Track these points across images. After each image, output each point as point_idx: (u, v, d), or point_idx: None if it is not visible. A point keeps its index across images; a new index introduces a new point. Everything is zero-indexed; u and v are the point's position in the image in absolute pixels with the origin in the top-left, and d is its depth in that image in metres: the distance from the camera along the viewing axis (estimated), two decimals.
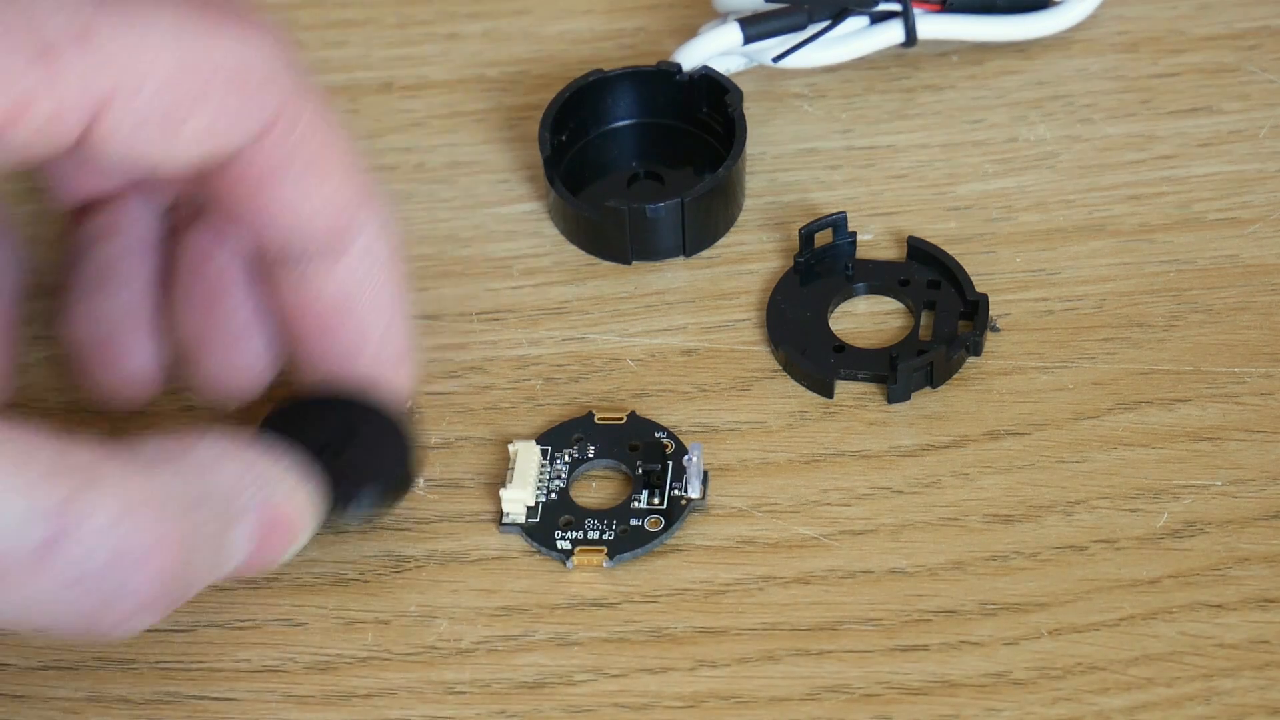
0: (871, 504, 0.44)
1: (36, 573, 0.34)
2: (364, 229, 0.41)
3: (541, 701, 0.40)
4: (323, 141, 0.40)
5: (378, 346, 0.42)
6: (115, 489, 0.35)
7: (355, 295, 0.42)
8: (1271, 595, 0.41)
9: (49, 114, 0.35)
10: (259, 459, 0.39)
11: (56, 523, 0.34)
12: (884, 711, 0.40)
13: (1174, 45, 0.54)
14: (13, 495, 0.34)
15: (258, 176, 0.39)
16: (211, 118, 0.38)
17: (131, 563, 0.35)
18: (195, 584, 0.37)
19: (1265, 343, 0.46)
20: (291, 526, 0.39)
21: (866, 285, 0.48)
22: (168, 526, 0.36)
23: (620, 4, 0.57)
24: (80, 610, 0.35)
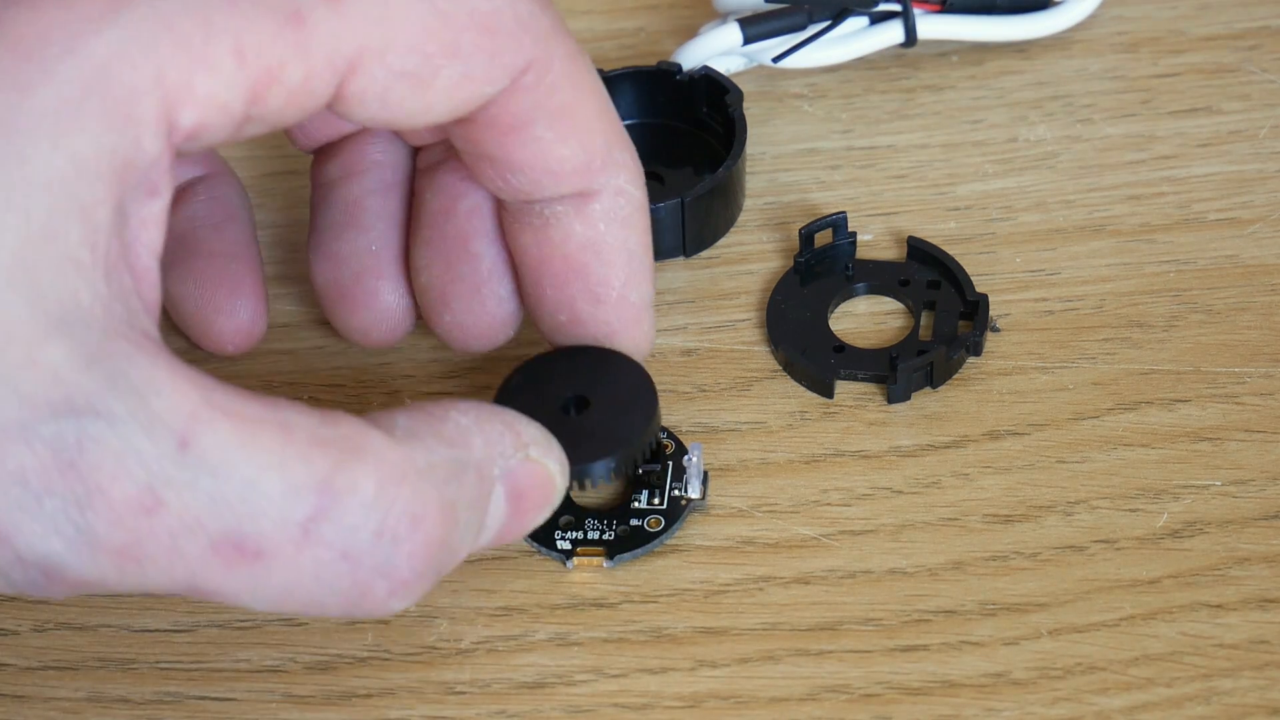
0: (871, 504, 0.44)
1: (300, 551, 0.33)
2: (613, 174, 0.41)
3: (541, 701, 0.40)
4: (574, 86, 0.39)
5: (621, 292, 0.42)
6: (377, 461, 0.34)
7: (602, 240, 0.41)
8: (1271, 595, 0.41)
9: (299, 80, 0.35)
10: (510, 424, 0.38)
11: (319, 499, 0.33)
12: (884, 711, 0.40)
13: (1174, 45, 0.54)
14: (273, 473, 0.33)
15: (509, 124, 0.39)
16: (463, 70, 0.37)
17: (397, 536, 0.34)
18: (456, 556, 0.37)
19: (1265, 343, 0.46)
20: (543, 492, 0.39)
21: (866, 285, 0.48)
22: (431, 497, 0.35)
23: (620, 4, 0.57)
24: (344, 588, 0.34)
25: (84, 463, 0.32)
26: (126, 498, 0.32)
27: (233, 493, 0.33)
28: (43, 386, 0.31)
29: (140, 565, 0.33)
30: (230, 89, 0.34)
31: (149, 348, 0.33)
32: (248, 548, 0.33)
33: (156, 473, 0.32)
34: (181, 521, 0.32)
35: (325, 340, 0.48)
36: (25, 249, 0.32)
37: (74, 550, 0.32)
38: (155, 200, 0.34)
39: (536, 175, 0.40)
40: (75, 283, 0.32)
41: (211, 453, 0.33)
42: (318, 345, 0.48)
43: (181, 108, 0.33)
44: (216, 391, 0.33)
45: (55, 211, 0.32)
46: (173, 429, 0.32)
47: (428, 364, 0.47)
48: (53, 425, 0.31)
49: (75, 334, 0.32)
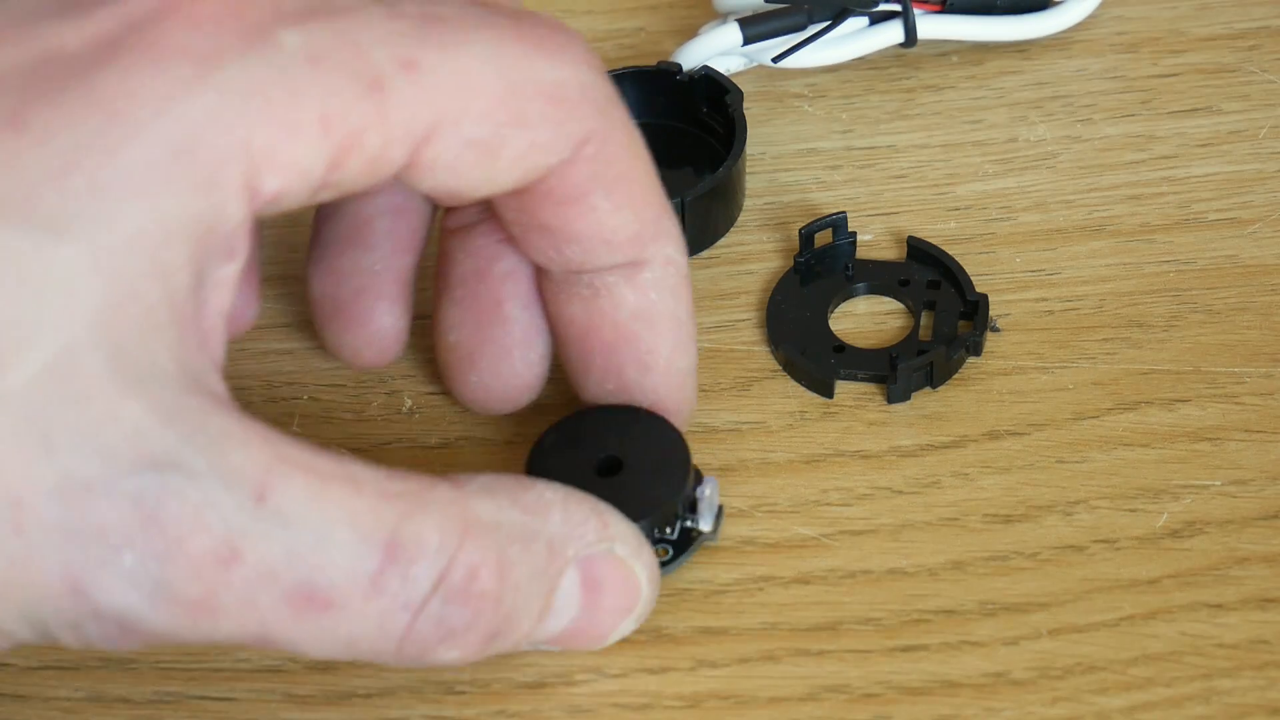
0: (871, 504, 0.44)
1: (368, 602, 0.34)
2: (663, 243, 0.41)
3: (541, 701, 0.40)
4: (630, 156, 0.39)
5: (669, 360, 0.42)
6: (444, 511, 0.35)
7: (653, 308, 0.41)
8: (1271, 595, 0.41)
9: (378, 148, 0.35)
10: (600, 514, 0.39)
11: (386, 551, 0.34)
12: (884, 711, 0.40)
13: (1174, 45, 0.54)
14: (344, 526, 0.34)
15: (567, 194, 0.39)
16: (530, 139, 0.37)
17: (452, 586, 0.35)
18: (514, 625, 0.37)
19: (1265, 343, 0.46)
20: (625, 591, 0.39)
21: (866, 285, 0.48)
22: (490, 551, 0.35)
23: (620, 4, 0.57)
24: (401, 637, 0.35)
25: (164, 516, 0.32)
26: (204, 551, 0.32)
27: (306, 545, 0.33)
28: (124, 442, 0.32)
29: (214, 617, 0.33)
30: (313, 156, 0.34)
31: (221, 404, 0.33)
32: (318, 598, 0.33)
33: (235, 526, 0.32)
34: (257, 573, 0.33)
35: None
36: (108, 308, 0.32)
37: (152, 604, 0.32)
38: (232, 263, 0.34)
39: (592, 245, 0.40)
40: (153, 342, 0.32)
41: (287, 506, 0.33)
42: (318, 345, 0.48)
43: (266, 174, 0.34)
44: (287, 446, 0.34)
45: (139, 273, 0.32)
46: (250, 482, 0.33)
47: (427, 364, 0.47)
48: (134, 480, 0.32)
49: (152, 391, 0.32)
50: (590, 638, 0.39)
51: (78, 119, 0.32)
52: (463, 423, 0.46)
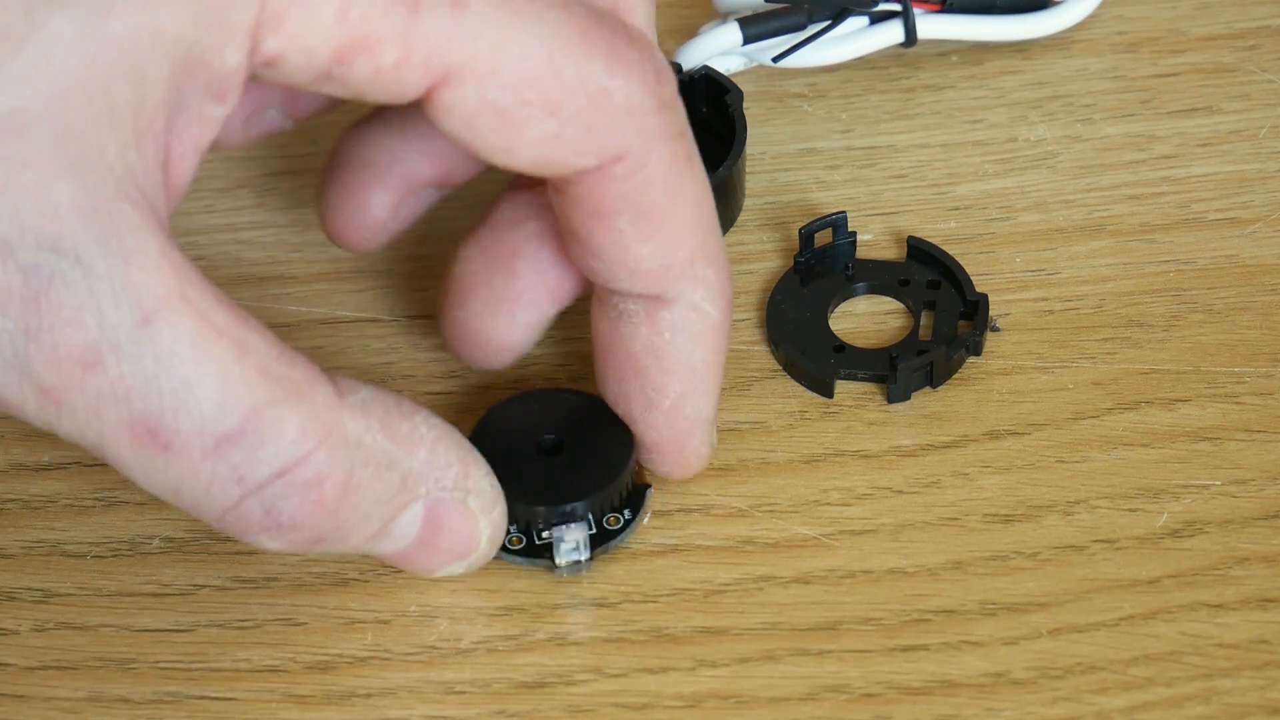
0: (871, 504, 0.44)
1: (204, 459, 0.35)
2: (692, 287, 0.40)
3: (541, 701, 0.40)
4: (669, 191, 0.39)
5: (675, 403, 0.42)
6: (313, 412, 0.36)
7: (665, 349, 0.41)
8: (1271, 595, 0.41)
9: (391, 63, 0.35)
10: (466, 463, 0.39)
11: (242, 423, 0.34)
12: (884, 711, 0.40)
13: (1174, 45, 0.54)
14: (212, 381, 0.34)
15: (593, 208, 0.39)
16: (555, 131, 0.37)
17: (292, 484, 0.35)
18: (345, 538, 0.37)
19: (1265, 343, 0.46)
20: (462, 539, 0.40)
21: (866, 285, 0.48)
22: (341, 467, 0.36)
23: None
24: (226, 506, 0.35)
25: (46, 300, 0.33)
26: (70, 345, 0.33)
27: (168, 384, 0.34)
28: (38, 217, 0.32)
29: (58, 410, 0.34)
30: (319, 38, 0.34)
31: (151, 221, 0.34)
32: (160, 438, 0.34)
33: (108, 337, 0.33)
34: (112, 389, 0.33)
35: (325, 340, 0.48)
36: (74, 90, 0.32)
37: (6, 371, 0.33)
38: (219, 105, 0.35)
39: (614, 267, 0.40)
40: (107, 136, 0.33)
41: (166, 340, 0.34)
42: (318, 345, 0.48)
43: (268, 33, 0.34)
44: (194, 286, 0.34)
45: (116, 69, 0.33)
46: (141, 303, 0.33)
47: (428, 364, 0.47)
48: (34, 254, 0.32)
49: (87, 182, 0.33)
50: (417, 567, 0.41)
51: None
52: (463, 423, 0.46)
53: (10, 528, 0.44)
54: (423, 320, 0.48)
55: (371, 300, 0.49)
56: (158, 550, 0.44)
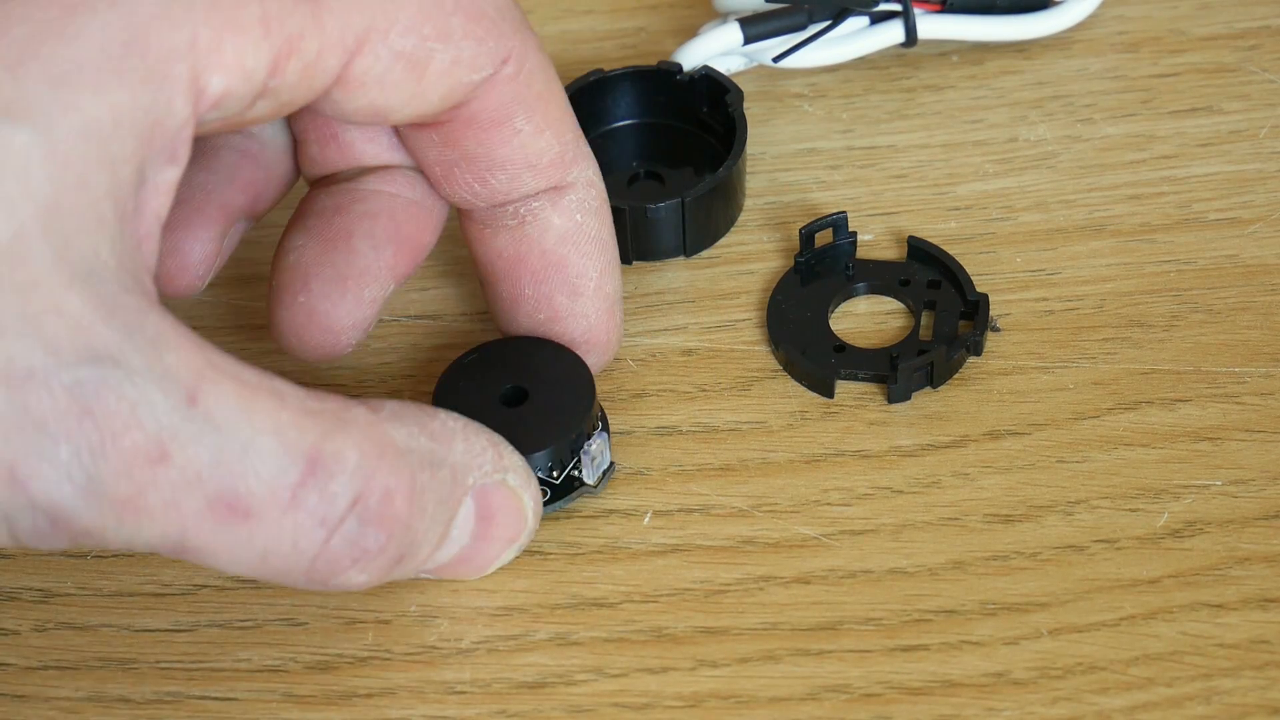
0: (872, 504, 0.44)
1: (285, 514, 0.34)
2: (583, 166, 0.42)
3: (541, 701, 0.40)
4: (545, 78, 0.41)
5: (598, 283, 0.43)
6: (361, 434, 0.36)
7: (578, 232, 0.43)
8: (1272, 595, 0.41)
9: (314, 54, 0.36)
10: (496, 445, 0.40)
11: (308, 465, 0.34)
12: (884, 711, 0.40)
13: (1174, 45, 0.54)
14: (269, 437, 0.34)
15: (490, 118, 0.40)
16: (454, 55, 0.38)
17: (368, 507, 0.36)
18: (418, 549, 0.38)
19: (1265, 343, 0.46)
20: (514, 521, 0.40)
21: (867, 285, 0.48)
22: (404, 475, 0.36)
23: (621, 4, 0.57)
24: (314, 555, 0.35)
25: (100, 410, 0.32)
26: (136, 447, 0.33)
27: (232, 451, 0.34)
28: (66, 333, 0.32)
29: (138, 518, 0.33)
30: (256, 56, 0.35)
31: (155, 305, 0.34)
32: (239, 507, 0.34)
33: (166, 426, 0.33)
34: (183, 476, 0.33)
35: None
36: (59, 197, 0.32)
37: (84, 498, 0.33)
38: (172, 168, 0.35)
39: (517, 171, 0.41)
40: (97, 236, 0.33)
41: (216, 411, 0.33)
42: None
43: (211, 73, 0.34)
44: (216, 354, 0.34)
45: (89, 162, 0.33)
46: (183, 384, 0.33)
47: (427, 364, 0.47)
48: (74, 372, 0.32)
49: (94, 286, 0.33)
50: (475, 566, 0.41)
51: (33, 10, 0.33)
52: None
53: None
54: (423, 320, 0.48)
55: None
56: None
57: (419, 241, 0.43)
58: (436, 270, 0.49)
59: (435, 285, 0.49)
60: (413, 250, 0.43)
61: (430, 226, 0.44)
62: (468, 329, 0.48)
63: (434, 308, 0.49)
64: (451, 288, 0.49)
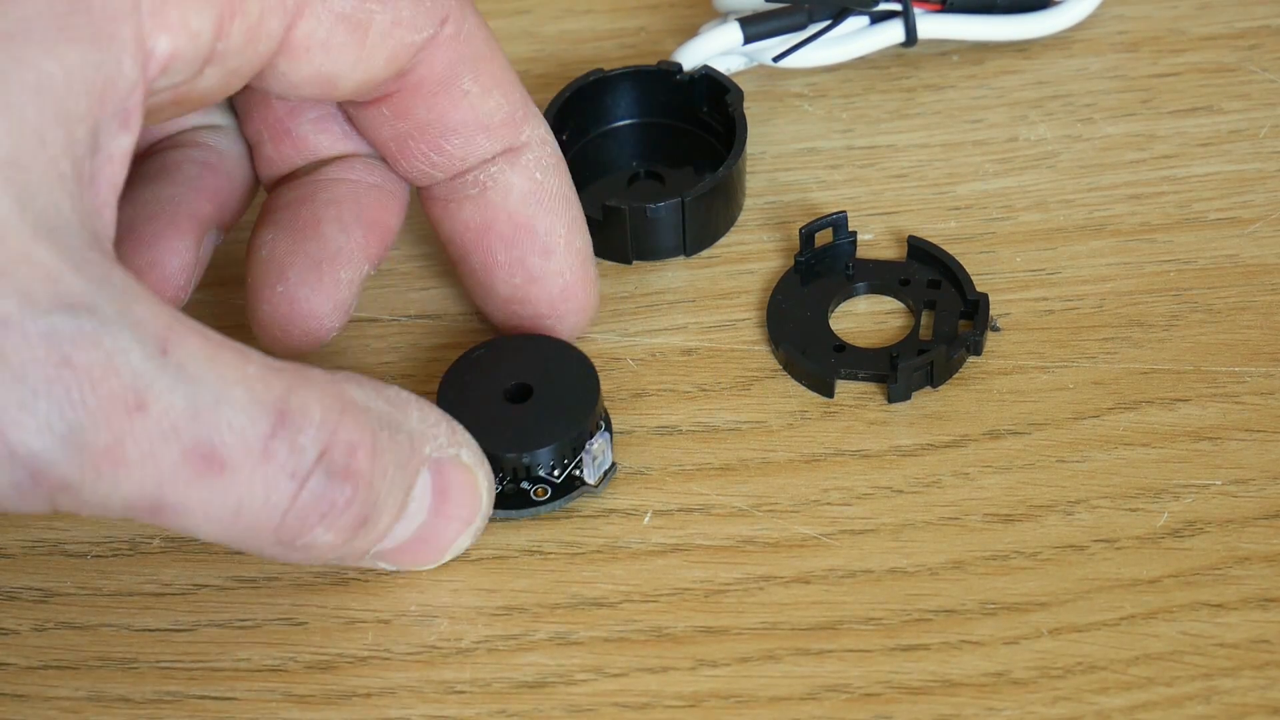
0: (872, 503, 0.44)
1: (258, 466, 0.35)
2: (535, 126, 0.43)
3: (541, 701, 0.40)
4: (486, 39, 0.41)
5: (568, 239, 0.44)
6: (324, 389, 0.36)
7: (540, 190, 0.43)
8: (1272, 595, 0.41)
9: (257, 15, 0.36)
10: (450, 421, 0.40)
11: (278, 416, 0.35)
12: (884, 711, 0.40)
13: (1174, 45, 0.54)
14: (240, 388, 0.34)
15: (437, 81, 0.41)
16: (393, 16, 0.39)
17: (334, 461, 0.36)
18: (380, 517, 0.38)
19: (1265, 342, 0.46)
20: (468, 500, 0.40)
21: (867, 285, 0.48)
22: (366, 431, 0.37)
23: (621, 4, 0.57)
24: (283, 512, 0.35)
25: (77, 359, 0.32)
26: (114, 396, 0.33)
27: (205, 401, 0.34)
28: (38, 283, 0.32)
29: (116, 469, 0.33)
30: (200, 17, 0.35)
31: (119, 264, 0.34)
32: (215, 458, 0.34)
33: (142, 374, 0.33)
34: (160, 426, 0.33)
35: None
36: (17, 151, 0.32)
37: (63, 449, 0.33)
38: (125, 134, 0.35)
39: (471, 134, 0.42)
40: (58, 191, 0.33)
41: (187, 361, 0.34)
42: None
43: (158, 33, 0.34)
44: (178, 312, 0.34)
45: (45, 119, 0.33)
46: (155, 335, 0.33)
47: (427, 364, 0.47)
48: (48, 320, 0.32)
49: (60, 238, 0.33)
50: (433, 548, 0.41)
51: None
52: None
53: (10, 527, 0.44)
54: (423, 320, 0.48)
55: (371, 300, 0.49)
56: (158, 550, 0.44)
57: (385, 224, 0.44)
58: (436, 270, 0.49)
59: (435, 285, 0.49)
60: (381, 233, 0.43)
61: (394, 209, 0.44)
62: (468, 329, 0.48)
63: (434, 308, 0.49)
64: (452, 288, 0.49)
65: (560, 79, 0.52)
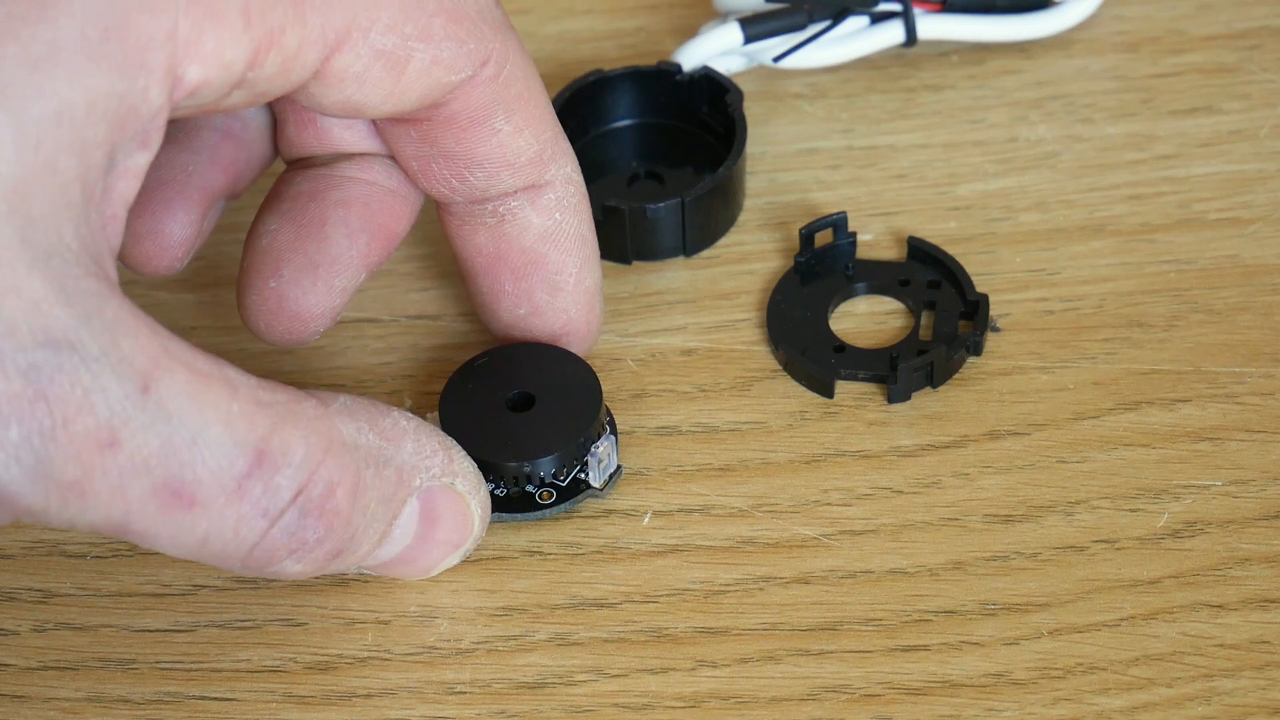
0: (872, 504, 0.44)
1: (229, 504, 0.35)
2: (561, 165, 0.43)
3: (541, 701, 0.40)
4: (525, 78, 0.41)
5: (577, 278, 0.44)
6: (310, 426, 0.36)
7: (557, 230, 0.43)
8: (1272, 595, 0.41)
9: (294, 48, 0.36)
10: (448, 449, 0.40)
11: (255, 457, 0.35)
12: (884, 711, 0.40)
13: (1174, 45, 0.54)
14: (219, 427, 0.34)
15: (470, 118, 0.40)
16: (434, 55, 0.38)
17: (309, 500, 0.36)
18: (356, 545, 0.38)
19: (1265, 343, 0.46)
20: (458, 525, 0.40)
21: (867, 285, 0.48)
22: (348, 471, 0.37)
23: (620, 4, 0.57)
24: (253, 544, 0.35)
25: (53, 394, 0.32)
26: (87, 433, 0.33)
27: (181, 440, 0.34)
28: (23, 316, 0.32)
29: (83, 500, 0.33)
30: (235, 48, 0.35)
31: (114, 289, 0.34)
32: (185, 495, 0.34)
33: (118, 412, 0.33)
34: (131, 462, 0.33)
35: (325, 340, 0.48)
36: (26, 179, 0.32)
37: (30, 480, 0.33)
38: (143, 153, 0.35)
39: (495, 170, 0.42)
40: (62, 219, 0.33)
41: (168, 399, 0.34)
42: (318, 345, 0.48)
43: (189, 62, 0.34)
44: (172, 341, 0.34)
45: (60, 147, 0.33)
46: (137, 372, 0.33)
47: (428, 363, 0.47)
48: (29, 355, 0.32)
49: (56, 269, 0.33)
50: (417, 567, 0.41)
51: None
52: None
53: (10, 528, 0.44)
54: (423, 320, 0.48)
55: (371, 300, 0.49)
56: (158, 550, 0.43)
57: (392, 230, 0.43)
58: (436, 270, 0.49)
59: (435, 285, 0.49)
60: (386, 239, 0.43)
61: (404, 216, 0.44)
62: (468, 329, 0.48)
63: (434, 308, 0.49)
64: (451, 288, 0.49)
65: (560, 79, 0.52)
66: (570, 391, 0.43)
